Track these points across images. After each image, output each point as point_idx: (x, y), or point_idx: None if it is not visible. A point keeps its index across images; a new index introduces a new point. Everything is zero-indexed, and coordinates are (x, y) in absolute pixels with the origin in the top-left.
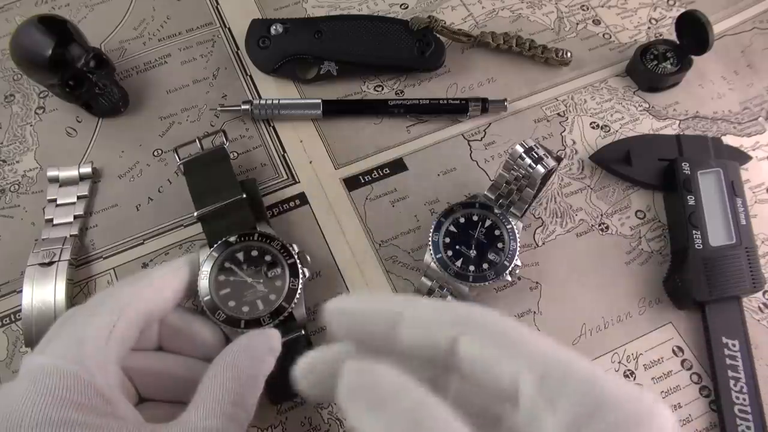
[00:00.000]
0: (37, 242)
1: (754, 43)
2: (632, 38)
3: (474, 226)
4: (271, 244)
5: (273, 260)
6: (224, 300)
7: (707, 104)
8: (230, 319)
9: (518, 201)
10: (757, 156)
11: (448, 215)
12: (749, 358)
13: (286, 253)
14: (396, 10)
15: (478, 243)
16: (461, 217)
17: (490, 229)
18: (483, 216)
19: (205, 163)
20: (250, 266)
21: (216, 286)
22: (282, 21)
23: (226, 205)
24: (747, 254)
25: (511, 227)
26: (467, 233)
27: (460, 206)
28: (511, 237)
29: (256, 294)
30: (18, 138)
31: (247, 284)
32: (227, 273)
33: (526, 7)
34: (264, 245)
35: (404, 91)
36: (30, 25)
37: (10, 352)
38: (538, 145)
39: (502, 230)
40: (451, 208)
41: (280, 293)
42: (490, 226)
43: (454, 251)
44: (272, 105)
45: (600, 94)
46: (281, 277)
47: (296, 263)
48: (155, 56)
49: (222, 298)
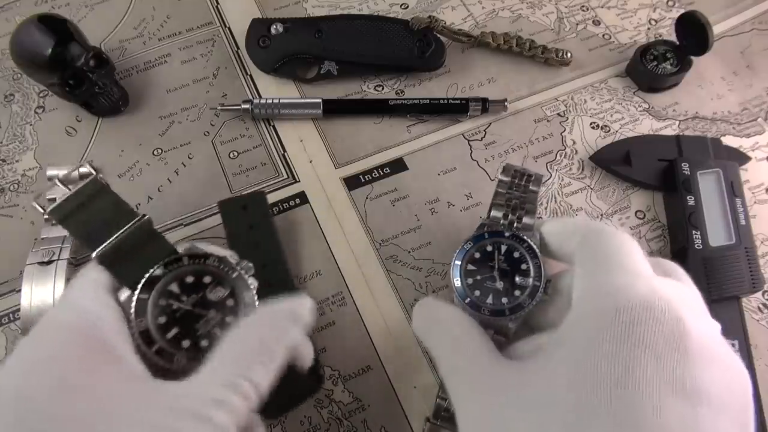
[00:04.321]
0: (36, 241)
1: (753, 44)
2: (632, 39)
3: (491, 257)
4: (206, 262)
5: (215, 279)
6: (176, 343)
7: (707, 105)
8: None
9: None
10: (756, 156)
11: (462, 256)
12: (749, 358)
13: (227, 268)
14: (396, 10)
15: (502, 272)
16: (476, 252)
17: (508, 253)
18: (496, 244)
19: (81, 201)
20: (190, 294)
21: (159, 330)
22: (282, 20)
23: (129, 235)
24: (746, 254)
25: (528, 245)
26: (487, 266)
27: (471, 242)
28: (531, 255)
29: (210, 323)
30: (18, 137)
31: (195, 315)
32: (167, 312)
33: (526, 8)
34: (198, 267)
35: (404, 91)
36: (30, 24)
37: (10, 352)
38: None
39: (521, 251)
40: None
41: (236, 313)
42: (507, 251)
43: (481, 289)
44: (272, 104)
45: (600, 95)
46: (231, 295)
47: (241, 275)
48: (155, 56)
49: (172, 341)
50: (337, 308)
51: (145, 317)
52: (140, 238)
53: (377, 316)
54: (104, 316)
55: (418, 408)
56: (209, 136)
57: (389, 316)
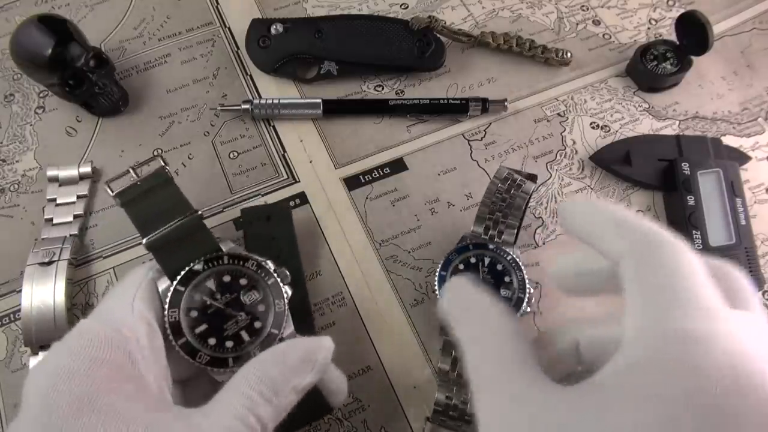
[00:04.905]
0: (36, 242)
1: (753, 44)
2: (632, 38)
3: (475, 268)
4: (245, 265)
5: (250, 283)
6: (203, 339)
7: (707, 104)
8: (215, 360)
9: (506, 229)
10: (756, 156)
11: (447, 266)
12: None
13: (264, 273)
14: (396, 10)
15: (486, 284)
16: (459, 263)
17: (492, 266)
18: (480, 256)
19: (145, 189)
20: (225, 294)
21: (189, 324)
22: (282, 21)
23: (179, 227)
24: (747, 254)
25: (512, 258)
26: None
27: (455, 253)
28: (514, 268)
29: (238, 325)
30: (18, 137)
31: (226, 315)
32: (199, 307)
33: (526, 8)
34: (237, 268)
35: (404, 91)
36: (30, 24)
37: (10, 352)
38: (510, 171)
39: (504, 263)
40: (447, 258)
41: (265, 319)
42: (490, 263)
43: None
44: (272, 105)
45: (600, 94)
46: (264, 300)
47: (277, 282)
48: (155, 56)
49: (199, 337)
50: (337, 308)
51: (179, 309)
52: (188, 231)
53: (377, 316)
54: (136, 330)
55: (418, 408)
56: (209, 137)
57: (389, 316)
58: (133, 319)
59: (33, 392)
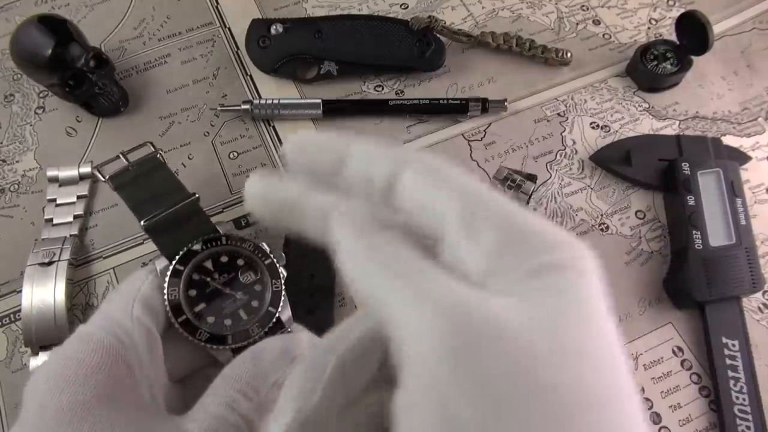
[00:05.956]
0: (36, 242)
1: (753, 44)
2: (632, 38)
3: None
4: (242, 246)
5: (247, 263)
6: (202, 317)
7: (707, 104)
8: (214, 337)
9: None
10: (756, 156)
11: None
12: (749, 358)
13: (260, 254)
14: (396, 10)
15: None
16: None
17: None
18: None
19: (138, 173)
20: (222, 274)
21: (189, 302)
22: (282, 21)
23: (178, 210)
24: (747, 254)
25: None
26: None
27: None
28: None
29: (236, 304)
30: (18, 138)
31: (224, 294)
32: (198, 286)
33: (526, 7)
34: (235, 248)
35: (404, 91)
36: (30, 24)
37: (10, 352)
38: (510, 171)
39: None
40: None
41: (262, 298)
42: None
43: None
44: (272, 105)
45: (600, 94)
46: (260, 280)
47: (274, 263)
48: (155, 56)
49: (199, 315)
50: (337, 308)
51: (178, 288)
52: (186, 215)
53: None
54: (135, 336)
55: None
56: (209, 137)
57: None
58: (132, 325)
59: (30, 398)
